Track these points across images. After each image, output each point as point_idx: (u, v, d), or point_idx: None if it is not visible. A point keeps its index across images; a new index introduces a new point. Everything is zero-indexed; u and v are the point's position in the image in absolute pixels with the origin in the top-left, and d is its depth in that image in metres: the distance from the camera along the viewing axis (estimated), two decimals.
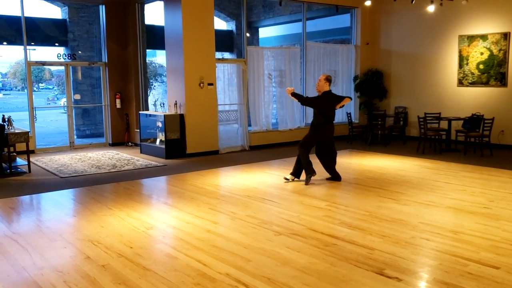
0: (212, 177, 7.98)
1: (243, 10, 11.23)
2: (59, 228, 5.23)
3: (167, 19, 10.19)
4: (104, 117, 12.21)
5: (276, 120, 12.17)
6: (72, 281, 3.72)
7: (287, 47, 12.41)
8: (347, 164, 8.96)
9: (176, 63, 9.98)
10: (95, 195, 6.73)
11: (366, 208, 5.76)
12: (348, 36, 13.36)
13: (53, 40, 13.23)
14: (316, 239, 4.66)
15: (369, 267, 3.95)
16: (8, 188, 7.33)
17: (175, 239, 4.79)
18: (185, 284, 3.63)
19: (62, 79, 16.18)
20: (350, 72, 12.98)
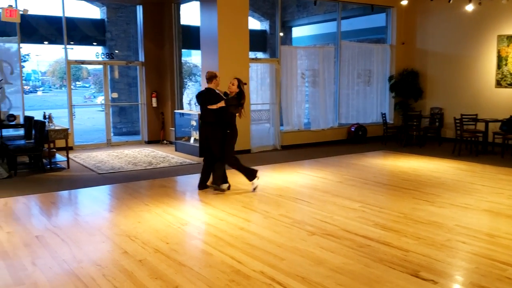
0: (244, 176, 8.02)
1: (277, 9, 11.26)
2: (97, 222, 5.39)
3: (202, 19, 10.31)
4: (140, 116, 12.46)
5: (308, 119, 12.14)
6: (110, 275, 3.84)
7: (321, 46, 12.36)
8: (381, 165, 8.87)
9: (210, 63, 10.09)
10: (131, 191, 6.90)
11: (400, 210, 5.69)
12: (383, 35, 13.20)
13: (91, 40, 13.59)
14: (349, 240, 4.65)
15: (403, 269, 3.91)
16: (48, 183, 7.59)
17: (209, 236, 4.86)
18: (219, 281, 3.70)
19: (99, 78, 16.58)
20: (385, 72, 12.82)
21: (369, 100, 12.72)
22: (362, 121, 12.38)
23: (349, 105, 12.39)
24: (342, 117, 12.31)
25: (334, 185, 7.12)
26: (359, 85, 12.59)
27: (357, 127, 12.04)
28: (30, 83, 32.89)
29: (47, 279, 3.77)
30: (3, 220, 5.44)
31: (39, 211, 6.01)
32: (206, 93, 6.65)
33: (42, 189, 7.05)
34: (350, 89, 12.40)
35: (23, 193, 6.80)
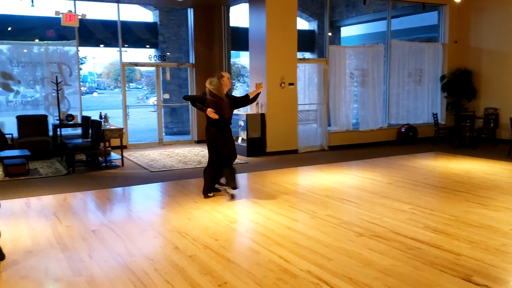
0: (291, 176, 8.07)
1: (326, 9, 11.21)
2: (149, 219, 5.59)
3: (251, 21, 10.42)
4: (190, 116, 12.75)
5: (356, 120, 12.00)
6: (162, 269, 3.98)
7: (370, 45, 12.18)
8: (432, 167, 8.65)
9: (258, 64, 10.18)
10: (182, 188, 7.09)
11: (452, 213, 5.54)
12: (434, 34, 12.84)
13: (144, 42, 14.04)
14: (399, 242, 4.59)
15: (455, 272, 3.82)
16: (103, 180, 7.92)
17: (257, 234, 4.93)
18: (267, 279, 3.75)
19: (151, 79, 17.10)
20: (436, 72, 12.47)
21: (420, 100, 12.41)
22: (412, 122, 12.10)
23: (399, 105, 12.14)
24: (392, 117, 12.07)
25: (383, 187, 7.02)
26: (409, 85, 12.31)
27: (408, 127, 11.78)
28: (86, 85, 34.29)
29: (103, 272, 3.96)
30: (62, 214, 5.75)
31: (95, 206, 6.29)
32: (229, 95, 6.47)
33: (98, 186, 7.37)
34: (401, 88, 12.15)
35: (81, 189, 7.14)
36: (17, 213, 5.83)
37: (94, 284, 3.70)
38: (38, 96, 10.76)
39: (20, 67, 10.43)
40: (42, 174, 8.29)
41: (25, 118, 10.17)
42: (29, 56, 10.54)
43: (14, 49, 10.40)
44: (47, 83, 10.54)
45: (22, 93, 10.64)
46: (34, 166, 8.92)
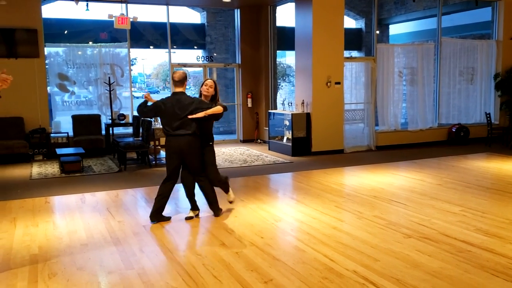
0: (337, 176, 8.01)
1: (374, 7, 11.04)
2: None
3: (297, 20, 10.42)
4: (236, 115, 12.90)
5: (405, 119, 11.74)
6: (209, 264, 4.08)
7: (419, 43, 11.89)
8: (485, 168, 8.35)
9: (304, 63, 10.17)
10: None
11: (506, 216, 5.35)
12: (488, 31, 12.37)
13: (192, 43, 14.31)
14: (448, 244, 4.48)
15: (509, 277, 3.70)
16: (153, 177, 8.16)
17: (302, 233, 4.95)
18: (313, 277, 3.77)
19: (199, 80, 17.38)
20: (490, 70, 12.01)
21: (472, 99, 11.99)
22: (464, 121, 11.72)
23: (450, 104, 11.79)
24: (442, 117, 11.74)
25: (432, 188, 6.86)
26: (461, 84, 11.92)
27: (459, 127, 11.42)
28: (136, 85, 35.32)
29: (153, 265, 4.11)
30: (114, 210, 5.98)
31: (146, 202, 6.50)
32: (183, 100, 5.24)
33: (148, 183, 7.60)
34: (451, 87, 11.79)
35: (132, 186, 7.39)
36: (73, 208, 6.12)
37: (145, 276, 3.85)
38: (91, 97, 11.22)
39: (75, 69, 10.91)
40: (95, 171, 8.64)
41: (79, 117, 10.63)
42: (84, 58, 11.01)
43: (70, 51, 10.89)
44: (100, 83, 10.97)
45: (76, 94, 11.13)
46: (88, 164, 9.31)
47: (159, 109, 5.32)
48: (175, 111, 5.21)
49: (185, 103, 5.23)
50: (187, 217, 5.55)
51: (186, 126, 5.21)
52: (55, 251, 4.49)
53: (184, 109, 5.20)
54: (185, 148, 5.26)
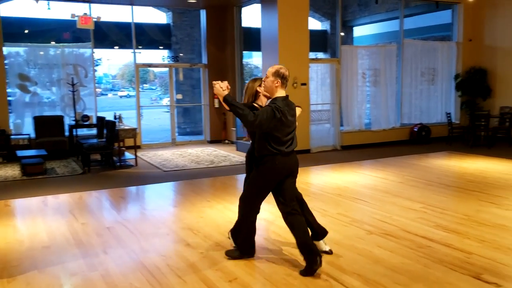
0: (303, 175, 8.09)
1: (338, 9, 11.22)
2: (162, 216, 5.68)
3: (263, 21, 10.48)
4: (203, 116, 12.86)
5: (369, 120, 11.98)
6: (174, 265, 4.06)
7: (382, 45, 12.16)
8: (445, 166, 8.61)
9: (271, 64, 10.21)
10: (194, 188, 7.18)
11: (464, 212, 5.54)
12: (448, 32, 12.76)
13: (157, 44, 14.19)
14: (409, 240, 4.60)
15: (465, 271, 3.83)
16: (118, 179, 8.05)
17: (268, 232, 4.99)
18: (277, 274, 3.81)
19: (164, 80, 17.24)
20: (450, 71, 12.39)
21: (433, 100, 12.34)
22: (425, 121, 12.04)
23: (412, 104, 12.09)
24: (404, 117, 12.03)
25: (394, 186, 7.03)
26: (422, 84, 12.25)
27: (420, 127, 11.73)
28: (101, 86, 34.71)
29: (117, 267, 4.06)
30: (78, 212, 5.87)
31: (110, 204, 6.41)
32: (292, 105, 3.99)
33: (113, 185, 7.49)
34: (413, 88, 12.10)
35: (96, 188, 7.27)
36: (34, 211, 5.97)
37: (108, 278, 3.80)
38: (54, 98, 10.96)
39: (36, 69, 10.64)
40: (58, 173, 8.45)
41: (42, 118, 10.37)
42: (46, 58, 10.75)
43: (31, 51, 10.61)
44: (63, 84, 10.73)
45: (39, 94, 10.85)
46: (51, 166, 9.09)
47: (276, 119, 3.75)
48: (290, 122, 3.88)
49: (295, 110, 4.00)
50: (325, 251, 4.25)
51: (295, 139, 4.02)
52: (16, 254, 4.38)
53: (295, 117, 3.99)
54: (295, 168, 4.03)
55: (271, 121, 3.72)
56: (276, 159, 3.85)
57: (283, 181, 3.93)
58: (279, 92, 3.87)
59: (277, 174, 3.88)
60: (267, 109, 3.74)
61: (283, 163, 3.87)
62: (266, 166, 3.88)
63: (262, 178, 3.95)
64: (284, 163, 3.88)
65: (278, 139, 3.83)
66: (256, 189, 4.02)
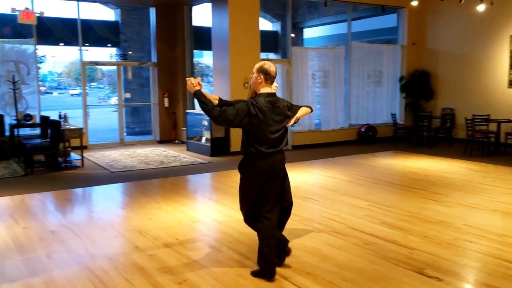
0: None
1: (288, 11, 11.34)
2: (110, 219, 5.54)
3: (214, 20, 10.44)
4: (152, 115, 12.65)
5: (319, 120, 12.20)
6: (122, 268, 3.96)
7: (331, 47, 12.41)
8: (391, 165, 8.90)
9: (222, 63, 10.22)
10: (143, 189, 7.04)
11: (408, 209, 5.74)
12: (394, 36, 13.20)
13: (105, 41, 13.83)
14: (356, 237, 4.72)
15: (409, 266, 3.97)
16: (63, 180, 7.77)
17: (218, 233, 4.97)
18: (227, 275, 3.79)
19: (113, 79, 16.84)
20: (395, 73, 12.82)
21: (379, 101, 12.73)
22: (372, 122, 12.40)
23: (360, 105, 12.41)
24: (352, 117, 12.33)
25: (343, 184, 7.19)
26: (369, 86, 12.60)
27: (367, 127, 12.07)
28: (46, 84, 33.42)
29: (62, 272, 3.91)
30: (19, 216, 5.61)
31: (54, 207, 6.17)
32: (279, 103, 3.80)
33: (57, 187, 7.22)
34: (361, 89, 12.43)
35: (39, 190, 6.97)
36: None
37: (52, 284, 3.65)
38: None
39: None
40: None
41: None
42: None
43: None
44: (3, 82, 10.22)
45: None
46: None
47: (247, 116, 3.62)
48: (273, 120, 3.72)
49: (283, 108, 3.81)
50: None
51: (283, 139, 3.84)
52: None
53: (284, 116, 3.81)
54: (278, 167, 3.84)
55: (244, 117, 3.60)
56: (256, 159, 3.71)
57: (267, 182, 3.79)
58: (264, 89, 3.76)
59: (258, 174, 3.74)
60: (241, 104, 3.65)
61: (263, 164, 3.71)
62: (246, 167, 3.78)
63: (244, 180, 3.84)
64: (265, 163, 3.72)
65: (258, 139, 3.68)
66: (241, 192, 3.89)
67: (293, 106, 3.96)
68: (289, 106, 3.89)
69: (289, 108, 3.88)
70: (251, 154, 3.72)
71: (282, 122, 3.79)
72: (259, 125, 3.66)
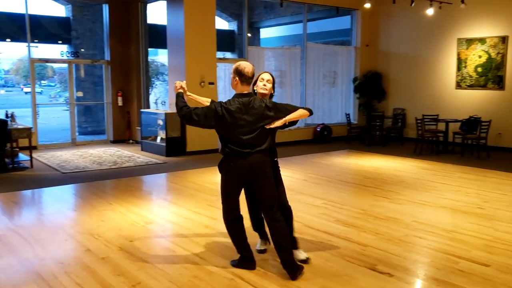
0: (212, 175, 8.08)
1: (244, 10, 11.36)
2: (60, 221, 5.35)
3: (169, 18, 10.30)
4: (105, 115, 12.34)
5: None
6: (72, 272, 3.84)
7: (288, 47, 12.53)
8: (345, 164, 9.08)
9: (177, 62, 10.10)
10: (96, 190, 6.85)
11: (361, 207, 5.87)
12: (348, 37, 13.48)
13: (56, 38, 13.36)
14: (311, 235, 4.78)
15: (361, 262, 4.06)
16: (10, 182, 7.45)
17: (173, 234, 4.91)
18: (182, 277, 3.75)
19: (64, 77, 16.32)
20: (349, 74, 13.10)
21: (334, 101, 12.97)
22: (327, 122, 12.61)
23: (315, 105, 12.59)
24: (308, 117, 12.46)
25: (299, 183, 7.26)
26: (324, 86, 12.81)
27: (323, 127, 12.26)
28: None
29: (7, 277, 3.74)
30: None
31: (1, 210, 5.90)
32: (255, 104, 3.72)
33: (4, 189, 6.91)
34: (316, 90, 12.62)
35: None
36: None
37: None
38: None
39: None
40: None
41: None
42: None
43: None
44: None
45: None
46: None
47: (214, 117, 3.68)
48: (245, 120, 3.67)
49: (259, 108, 3.71)
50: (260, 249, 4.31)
51: (260, 140, 3.74)
52: None
53: (259, 116, 3.70)
54: (256, 168, 3.73)
55: (210, 118, 3.66)
56: (231, 159, 3.71)
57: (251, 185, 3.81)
58: (241, 89, 3.71)
59: (234, 174, 3.74)
60: (210, 105, 3.72)
61: (239, 164, 3.69)
62: (223, 166, 3.80)
63: (222, 179, 3.87)
64: (241, 164, 3.69)
65: (230, 139, 3.70)
66: (221, 191, 3.92)
67: (278, 106, 3.79)
68: (269, 106, 3.74)
69: (270, 108, 3.73)
70: (227, 154, 3.75)
71: (257, 122, 3.70)
72: (227, 126, 3.67)
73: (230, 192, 3.84)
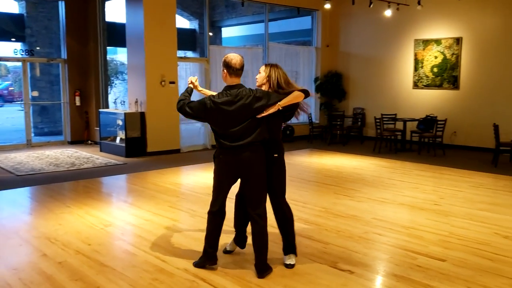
0: (173, 176, 7.99)
1: (205, 9, 11.27)
2: (14, 226, 5.15)
3: (128, 17, 10.11)
4: (63, 115, 11.98)
5: None
6: (27, 278, 3.70)
7: (249, 47, 12.54)
8: (307, 163, 9.17)
9: (137, 61, 9.92)
10: (53, 193, 6.64)
11: (322, 205, 5.93)
12: (309, 38, 13.61)
13: (9, 35, 12.85)
14: (273, 234, 4.75)
15: (323, 260, 4.10)
16: None
17: (133, 236, 4.81)
18: (143, 280, 3.68)
19: (19, 76, 15.74)
20: (311, 74, 13.24)
21: None
22: (290, 121, 12.67)
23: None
24: None
25: None
26: None
27: (285, 126, 12.33)
28: None
29: None
30: None
31: None
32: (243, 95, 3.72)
33: None
34: None
35: None
36: None
37: None
38: None
39: None
40: None
41: None
42: None
43: None
44: None
45: None
46: None
47: (204, 110, 3.70)
48: (234, 112, 3.64)
49: (248, 98, 3.66)
50: (227, 250, 4.31)
51: (251, 132, 3.67)
52: None
53: (248, 108, 3.65)
54: (247, 164, 3.71)
55: (201, 111, 3.73)
56: (221, 152, 3.78)
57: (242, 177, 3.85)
58: (230, 81, 3.78)
59: (223, 168, 3.82)
60: (202, 99, 3.79)
61: (228, 157, 3.75)
62: (215, 158, 3.88)
63: (215, 170, 3.94)
64: (230, 157, 3.74)
65: (219, 132, 3.75)
66: (213, 181, 4.00)
67: (270, 95, 3.72)
68: (258, 95, 3.68)
69: (260, 98, 3.67)
70: (218, 147, 3.82)
71: (246, 114, 3.65)
72: (215, 118, 3.72)
73: (221, 184, 3.93)
